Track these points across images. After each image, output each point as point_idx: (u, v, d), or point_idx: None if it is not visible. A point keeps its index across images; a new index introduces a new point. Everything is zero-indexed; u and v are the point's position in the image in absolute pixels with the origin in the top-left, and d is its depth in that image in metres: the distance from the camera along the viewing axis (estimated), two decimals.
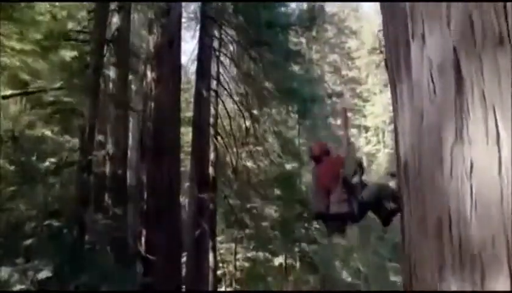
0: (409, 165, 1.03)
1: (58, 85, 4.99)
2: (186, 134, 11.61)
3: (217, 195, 10.43)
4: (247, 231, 10.76)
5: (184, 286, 8.48)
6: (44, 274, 3.99)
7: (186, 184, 11.30)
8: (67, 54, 5.84)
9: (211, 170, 10.06)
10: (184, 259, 8.77)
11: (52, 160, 4.60)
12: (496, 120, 0.73)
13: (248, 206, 10.92)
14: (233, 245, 11.00)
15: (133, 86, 7.79)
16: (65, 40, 5.40)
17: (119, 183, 6.05)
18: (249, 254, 10.96)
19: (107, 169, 5.81)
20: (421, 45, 0.95)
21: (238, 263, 10.88)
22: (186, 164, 10.96)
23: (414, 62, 0.98)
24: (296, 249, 9.62)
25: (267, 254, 10.72)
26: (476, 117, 0.77)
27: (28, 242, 4.37)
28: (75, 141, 5.40)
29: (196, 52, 9.08)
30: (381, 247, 14.43)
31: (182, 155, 9.74)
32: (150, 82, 8.50)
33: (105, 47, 6.06)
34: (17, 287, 3.77)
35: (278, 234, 10.59)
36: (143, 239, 6.87)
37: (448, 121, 0.84)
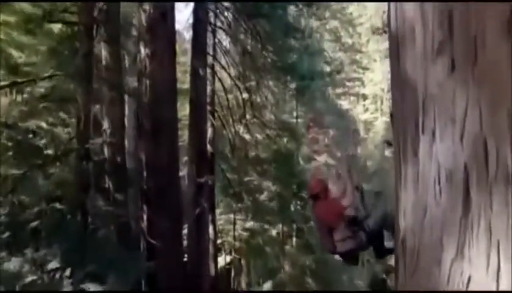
0: (407, 244, 1.08)
1: (48, 73, 4.83)
2: (184, 105, 11.53)
3: (216, 169, 10.61)
4: (245, 202, 11.09)
5: (186, 257, 8.96)
6: (53, 264, 4.19)
7: (185, 158, 11.44)
8: (56, 27, 5.58)
9: (209, 146, 10.13)
10: (185, 231, 9.15)
11: (49, 152, 4.59)
12: (499, 253, 0.77)
13: (246, 179, 11.17)
14: (231, 216, 11.39)
15: (126, 64, 7.55)
16: (50, 22, 5.14)
17: (119, 168, 6.11)
18: (247, 225, 11.39)
19: (106, 154, 5.83)
20: (431, 142, 0.96)
21: (236, 233, 11.34)
22: (184, 139, 11.00)
23: (422, 154, 0.99)
24: (293, 225, 10.00)
25: (264, 225, 11.14)
26: (480, 245, 0.80)
27: (34, 231, 4.53)
28: (71, 130, 5.36)
29: (191, 21, 8.68)
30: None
31: (180, 127, 9.75)
32: (144, 58, 8.24)
33: (94, 27, 5.79)
34: (29, 278, 3.98)
35: (275, 205, 10.96)
36: (145, 218, 7.11)
37: (451, 234, 0.87)
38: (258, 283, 8.81)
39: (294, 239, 10.10)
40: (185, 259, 9.01)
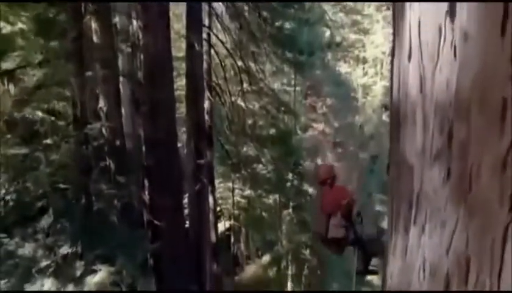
0: None
1: (39, 58, 4.71)
2: (180, 75, 11.34)
3: (214, 141, 10.75)
4: (242, 172, 11.39)
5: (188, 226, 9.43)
6: (65, 249, 4.47)
7: (183, 129, 11.51)
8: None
9: (206, 117, 10.16)
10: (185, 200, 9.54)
11: (48, 141, 4.66)
12: None
13: (243, 149, 11.36)
14: (230, 184, 11.75)
15: (119, 40, 7.30)
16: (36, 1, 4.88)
17: (118, 149, 6.19)
18: (245, 193, 11.81)
19: (104, 134, 5.88)
20: (420, 233, 1.07)
21: (235, 199, 11.80)
22: (181, 111, 10.95)
23: (412, 238, 1.12)
24: (290, 193, 10.37)
25: (262, 193, 11.55)
26: None
27: (41, 214, 4.74)
28: (69, 113, 5.36)
29: None
30: (370, 180, 15.55)
31: (176, 96, 9.69)
32: (137, 30, 7.93)
33: (83, 5, 5.51)
34: (44, 263, 4.28)
35: (272, 175, 11.29)
36: (146, 193, 7.37)
37: None
38: (257, 255, 9.39)
39: (291, 209, 10.57)
40: (187, 225, 9.52)
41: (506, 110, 0.83)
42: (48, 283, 4.16)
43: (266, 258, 8.39)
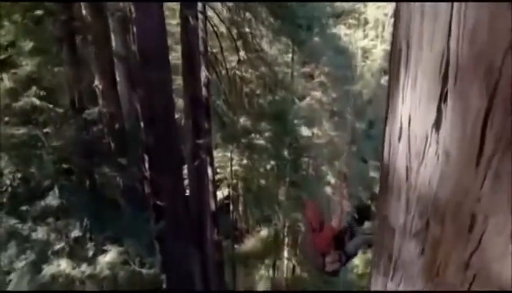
0: None
1: (29, 45, 4.66)
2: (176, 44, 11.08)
3: (211, 113, 10.82)
4: (240, 143, 11.63)
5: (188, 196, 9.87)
6: (76, 232, 4.82)
7: (180, 100, 11.51)
8: None
9: (203, 90, 10.13)
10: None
11: (47, 130, 4.79)
12: None
13: (241, 120, 11.48)
14: (228, 154, 12.05)
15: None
16: None
17: (118, 132, 6.32)
18: (243, 162, 12.16)
19: (103, 121, 5.99)
20: (396, 288, 1.32)
21: (233, 168, 12.19)
22: (178, 83, 10.85)
23: (389, 288, 1.37)
24: (287, 166, 10.70)
25: (260, 163, 11.90)
26: None
27: (50, 202, 5.03)
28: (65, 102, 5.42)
29: None
30: (365, 146, 15.87)
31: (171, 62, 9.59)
32: (129, 5, 7.64)
33: None
34: (57, 246, 4.64)
35: (270, 146, 11.54)
36: (147, 166, 7.64)
37: None
38: (255, 227, 9.93)
39: (287, 181, 10.98)
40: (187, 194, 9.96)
41: (474, 224, 0.98)
42: (63, 263, 4.56)
43: (264, 232, 8.94)
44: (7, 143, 4.81)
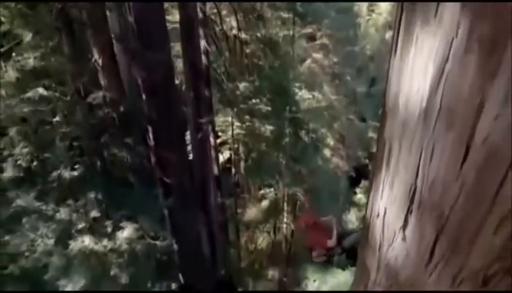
0: None
1: (29, 36, 4.77)
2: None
3: (211, 79, 10.89)
4: (240, 107, 11.86)
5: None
6: (94, 213, 5.39)
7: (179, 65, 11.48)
8: None
9: (203, 58, 10.12)
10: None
11: (57, 119, 5.10)
12: None
13: (241, 85, 11.57)
14: (229, 118, 12.36)
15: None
16: None
17: (122, 114, 6.56)
18: (244, 125, 12.52)
19: (107, 103, 6.22)
20: None
21: (234, 132, 12.59)
22: (177, 49, 10.71)
23: None
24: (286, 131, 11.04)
25: (260, 126, 12.25)
26: None
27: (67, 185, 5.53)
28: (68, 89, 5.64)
29: None
30: (366, 105, 16.05)
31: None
32: None
33: None
34: (80, 226, 5.23)
35: (269, 110, 11.79)
36: (151, 136, 8.03)
37: None
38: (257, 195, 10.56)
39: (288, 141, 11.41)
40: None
41: None
42: (87, 240, 5.21)
43: (265, 203, 9.60)
44: (21, 130, 5.17)
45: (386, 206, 1.16)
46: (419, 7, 0.85)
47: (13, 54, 4.75)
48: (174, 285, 6.63)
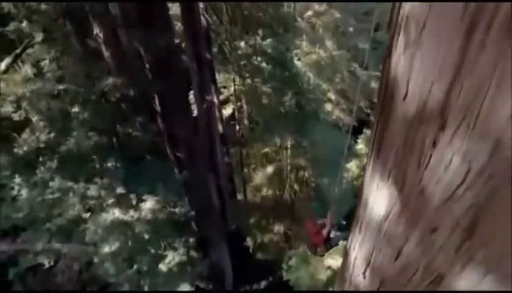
0: None
1: (41, 36, 5.08)
2: None
3: (211, 40, 10.94)
4: (241, 63, 12.06)
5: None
6: (119, 190, 6.23)
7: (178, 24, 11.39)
8: None
9: (202, 20, 10.08)
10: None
11: (76, 109, 5.65)
12: None
13: (241, 44, 11.60)
14: (231, 75, 12.67)
15: None
16: None
17: (129, 90, 6.95)
18: (246, 82, 12.87)
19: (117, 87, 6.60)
20: None
21: (236, 88, 12.99)
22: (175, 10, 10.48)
23: None
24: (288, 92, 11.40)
25: (260, 81, 12.60)
26: None
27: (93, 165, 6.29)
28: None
29: None
30: (370, 56, 15.99)
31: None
32: None
33: None
34: (109, 201, 6.11)
35: (271, 67, 12.00)
36: (157, 102, 8.56)
37: None
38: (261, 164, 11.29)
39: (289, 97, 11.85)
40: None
41: None
42: (117, 211, 6.16)
43: (270, 169, 10.35)
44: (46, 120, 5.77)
45: (356, 255, 1.89)
46: None
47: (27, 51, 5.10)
48: (191, 240, 7.82)
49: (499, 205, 0.78)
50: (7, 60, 5.00)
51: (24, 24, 4.83)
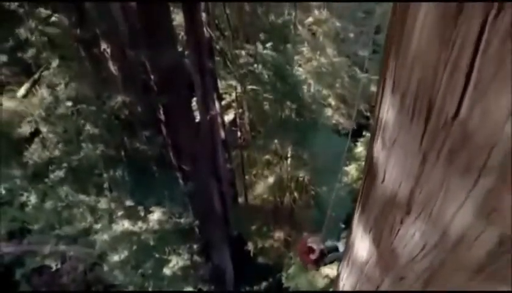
0: None
1: (56, 62, 5.50)
2: None
3: (213, 50, 11.31)
4: (242, 71, 12.46)
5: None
6: (129, 202, 6.69)
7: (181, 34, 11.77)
8: None
9: (205, 30, 10.45)
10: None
11: (89, 128, 6.09)
12: None
13: (243, 52, 11.97)
14: (233, 82, 13.06)
15: None
16: None
17: (138, 107, 7.38)
18: (247, 88, 13.27)
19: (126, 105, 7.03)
20: None
21: (237, 94, 13.40)
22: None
23: None
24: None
25: (261, 89, 13.00)
26: None
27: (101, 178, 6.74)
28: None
29: None
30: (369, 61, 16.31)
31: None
32: None
33: None
34: (120, 212, 6.58)
35: (271, 74, 12.39)
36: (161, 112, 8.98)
37: None
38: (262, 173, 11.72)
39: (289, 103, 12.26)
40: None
41: None
42: (126, 223, 6.64)
43: (271, 180, 10.80)
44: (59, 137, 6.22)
45: (344, 283, 2.24)
46: None
47: (42, 75, 5.53)
48: (195, 246, 8.31)
49: (446, 269, 1.08)
50: (26, 85, 5.43)
51: (39, 49, 5.25)
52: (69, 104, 5.78)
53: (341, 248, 4.29)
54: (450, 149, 0.81)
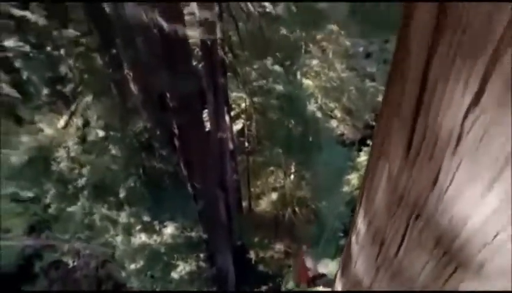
0: None
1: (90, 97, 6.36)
2: None
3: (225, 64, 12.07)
4: (252, 85, 13.23)
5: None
6: (146, 218, 7.61)
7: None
8: None
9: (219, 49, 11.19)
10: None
11: (113, 152, 6.98)
12: None
13: (254, 67, 12.72)
14: (243, 95, 13.86)
15: None
16: None
17: (156, 130, 8.22)
18: (256, 100, 14.06)
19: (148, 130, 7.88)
20: None
21: (247, 106, 14.20)
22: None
23: None
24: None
25: (270, 102, 13.77)
26: None
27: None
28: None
29: None
30: (378, 71, 16.93)
31: None
32: None
33: None
34: (136, 228, 7.50)
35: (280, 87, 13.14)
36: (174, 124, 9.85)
37: None
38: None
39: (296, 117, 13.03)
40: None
41: None
42: (143, 237, 7.59)
43: (274, 196, 11.64)
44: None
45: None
46: None
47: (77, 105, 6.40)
48: (202, 255, 9.27)
49: None
50: (65, 118, 6.31)
51: (76, 83, 6.10)
52: (101, 133, 6.67)
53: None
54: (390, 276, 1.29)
